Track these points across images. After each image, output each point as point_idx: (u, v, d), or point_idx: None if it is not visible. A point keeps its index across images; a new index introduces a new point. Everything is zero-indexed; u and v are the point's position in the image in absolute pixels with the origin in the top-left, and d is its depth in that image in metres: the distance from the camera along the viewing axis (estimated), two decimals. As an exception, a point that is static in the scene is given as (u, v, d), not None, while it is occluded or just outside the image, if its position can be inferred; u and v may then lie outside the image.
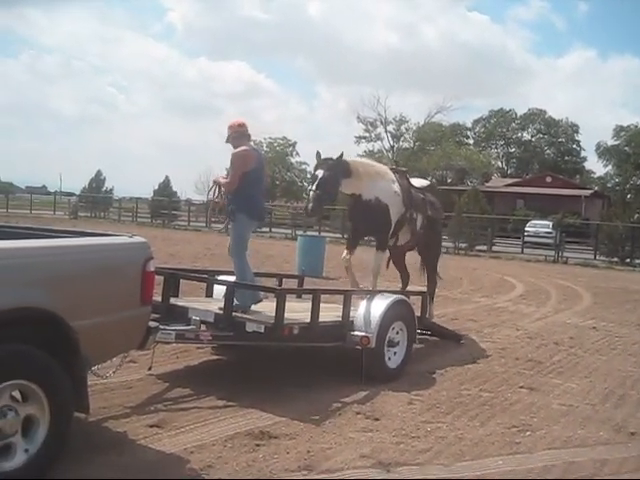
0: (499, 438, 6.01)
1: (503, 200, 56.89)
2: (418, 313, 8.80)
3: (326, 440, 5.67)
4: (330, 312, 7.84)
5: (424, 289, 9.81)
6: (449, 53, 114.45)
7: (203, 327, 7.10)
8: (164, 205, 48.20)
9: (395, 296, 7.99)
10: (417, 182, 10.49)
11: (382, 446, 5.61)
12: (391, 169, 9.91)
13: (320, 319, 7.18)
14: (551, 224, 43.55)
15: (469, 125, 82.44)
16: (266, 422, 5.98)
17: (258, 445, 5.43)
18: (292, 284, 10.51)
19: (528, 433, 6.20)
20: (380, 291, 8.30)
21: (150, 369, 6.91)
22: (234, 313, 7.04)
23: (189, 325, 6.86)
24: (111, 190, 56.79)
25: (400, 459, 5.36)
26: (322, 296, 7.47)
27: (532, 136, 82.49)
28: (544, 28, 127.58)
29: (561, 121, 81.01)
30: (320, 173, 8.50)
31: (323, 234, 29.10)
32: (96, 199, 53.81)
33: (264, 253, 21.71)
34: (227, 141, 7.80)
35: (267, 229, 38.88)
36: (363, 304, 7.71)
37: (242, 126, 7.85)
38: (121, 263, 5.16)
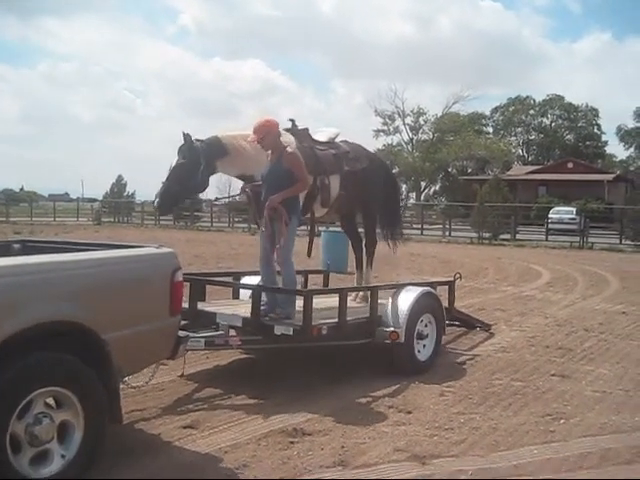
0: (533, 427, 5.97)
1: (525, 188, 56.54)
2: (446, 304, 8.79)
3: (360, 435, 5.66)
4: (357, 308, 7.84)
5: (450, 279, 9.64)
6: (464, 42, 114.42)
7: (232, 331, 7.11)
8: (186, 207, 48.34)
9: (422, 288, 7.95)
10: (324, 135, 8.75)
11: (416, 439, 5.59)
12: (285, 130, 7.98)
13: (348, 317, 7.16)
14: (575, 210, 43.27)
15: (487, 114, 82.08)
16: (299, 419, 5.98)
17: (292, 442, 5.43)
18: (317, 279, 10.54)
19: (562, 421, 6.16)
20: (407, 284, 8.26)
21: (182, 375, 6.96)
22: (269, 315, 7.01)
23: (217, 330, 6.87)
24: (133, 194, 57.28)
25: (435, 451, 5.34)
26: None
27: (551, 122, 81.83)
28: (558, 13, 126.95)
29: (580, 106, 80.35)
30: (174, 162, 7.48)
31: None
32: (118, 204, 54.15)
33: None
34: (265, 144, 7.17)
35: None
36: (390, 299, 7.69)
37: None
38: (149, 274, 5.16)
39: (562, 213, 42.54)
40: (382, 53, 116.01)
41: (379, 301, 7.64)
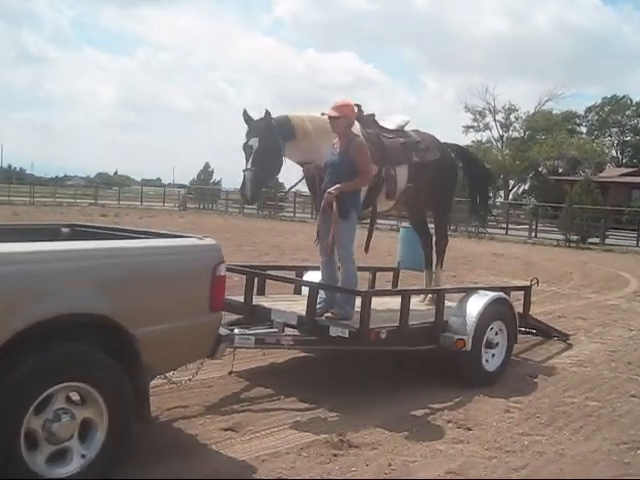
0: (605, 456, 5.39)
1: (618, 191, 54.40)
2: (520, 310, 8.22)
3: (411, 452, 5.20)
4: (421, 311, 7.37)
5: (527, 284, 9.03)
6: (560, 39, 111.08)
7: (288, 329, 6.72)
8: (271, 196, 48.34)
9: (494, 294, 7.41)
10: (393, 122, 8.06)
11: (472, 461, 5.10)
12: None
13: (411, 321, 6.68)
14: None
15: (581, 113, 79.55)
16: (347, 428, 5.56)
17: (335, 455, 5.01)
18: (388, 277, 10.09)
19: (639, 452, 5.56)
20: (478, 288, 7.74)
21: (231, 372, 6.65)
22: (325, 315, 6.59)
23: (272, 327, 6.51)
24: (219, 182, 57.67)
25: (491, 477, 4.85)
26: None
27: (649, 123, 78.70)
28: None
29: (680, 106, 76.96)
30: (255, 142, 6.76)
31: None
32: (204, 191, 54.61)
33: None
34: (337, 125, 6.65)
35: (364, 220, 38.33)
36: (459, 303, 7.19)
37: (358, 111, 7.11)
38: (188, 267, 4.80)
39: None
40: (475, 48, 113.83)
41: (447, 304, 7.15)
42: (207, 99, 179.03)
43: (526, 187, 73.93)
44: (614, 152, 79.61)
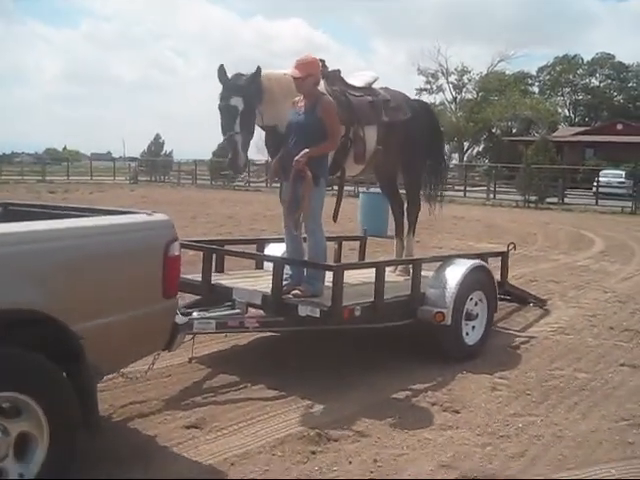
0: (607, 436, 4.92)
1: (571, 150, 54.40)
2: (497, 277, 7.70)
3: (396, 443, 4.67)
4: (396, 283, 6.83)
5: (503, 249, 8.51)
6: (508, 1, 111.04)
7: (251, 309, 6.10)
8: (224, 166, 47.32)
9: (472, 261, 6.88)
10: (360, 79, 7.36)
11: (465, 450, 4.59)
12: None
13: (385, 295, 6.10)
14: (624, 173, 41.51)
15: (533, 74, 79.51)
16: (324, 419, 5.02)
17: (314, 452, 4.45)
18: (351, 245, 9.54)
19: (642, 429, 5.10)
20: (455, 256, 7.20)
21: (192, 359, 6.02)
22: (292, 293, 5.93)
23: (234, 308, 5.89)
24: (170, 153, 56.32)
25: (488, 468, 4.34)
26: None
27: (600, 82, 78.99)
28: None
29: (631, 65, 77.32)
30: (239, 103, 5.99)
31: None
32: (155, 163, 53.35)
33: (326, 212, 20.31)
34: (302, 85, 5.98)
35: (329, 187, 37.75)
36: (435, 273, 6.65)
37: (322, 66, 6.37)
38: (136, 248, 4.14)
39: (610, 176, 40.62)
40: (424, 12, 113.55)
41: (422, 274, 6.60)
42: (154, 69, 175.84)
43: (480, 149, 73.96)
44: (566, 112, 79.99)
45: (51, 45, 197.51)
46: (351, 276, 6.51)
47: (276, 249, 7.22)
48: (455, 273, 6.53)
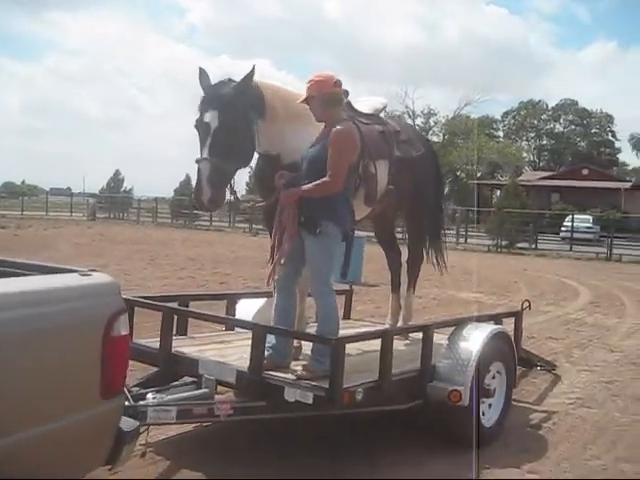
0: None
1: (537, 194, 54.09)
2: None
3: None
4: (399, 352, 5.58)
5: (517, 309, 7.33)
6: (470, 49, 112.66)
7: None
8: (185, 204, 45.93)
9: (492, 327, 5.72)
10: (368, 105, 6.08)
11: None
12: None
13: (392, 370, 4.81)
14: (591, 218, 41.20)
15: (498, 118, 79.90)
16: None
17: None
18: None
19: None
20: (468, 318, 5.99)
21: (144, 455, 4.65)
22: (297, 374, 4.57)
23: (200, 387, 4.59)
24: (130, 190, 54.88)
25: None
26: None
27: (565, 127, 79.55)
28: (565, 20, 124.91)
29: (594, 112, 78.08)
30: (213, 118, 4.74)
31: (362, 232, 25.02)
32: (115, 199, 51.84)
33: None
34: (312, 108, 4.84)
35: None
36: (448, 341, 5.44)
37: (339, 86, 4.96)
38: (60, 327, 2.79)
39: (578, 221, 40.06)
40: (389, 57, 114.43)
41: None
42: (118, 106, 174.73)
43: (445, 192, 73.72)
44: (531, 156, 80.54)
45: (14, 78, 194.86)
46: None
47: (250, 307, 6.01)
48: (473, 341, 5.30)
